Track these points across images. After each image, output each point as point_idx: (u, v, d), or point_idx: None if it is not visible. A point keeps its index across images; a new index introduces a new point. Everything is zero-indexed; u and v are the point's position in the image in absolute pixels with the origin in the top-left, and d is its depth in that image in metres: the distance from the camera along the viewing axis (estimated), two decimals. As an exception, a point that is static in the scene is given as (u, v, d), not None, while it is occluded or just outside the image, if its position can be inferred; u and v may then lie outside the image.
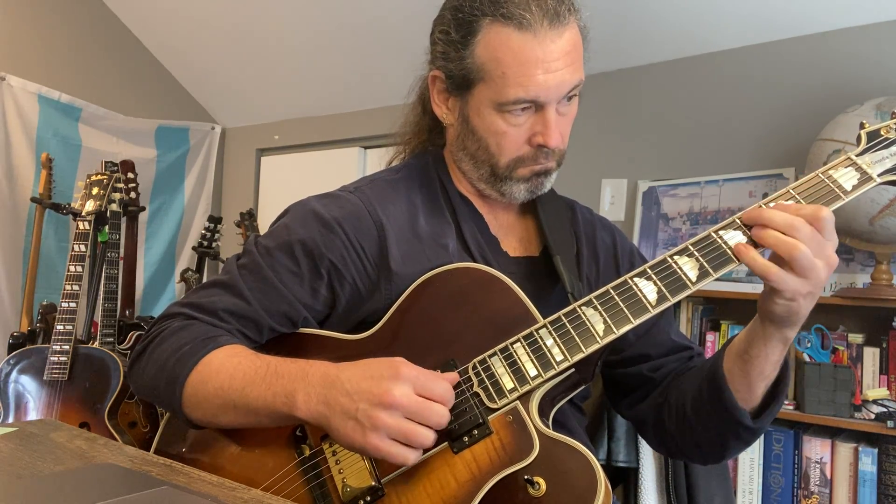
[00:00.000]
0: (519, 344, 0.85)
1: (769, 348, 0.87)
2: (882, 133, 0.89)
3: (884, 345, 2.03)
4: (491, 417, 0.83)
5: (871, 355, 2.05)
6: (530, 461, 0.79)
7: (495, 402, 0.83)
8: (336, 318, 1.00)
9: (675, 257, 0.85)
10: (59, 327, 2.30)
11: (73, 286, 2.37)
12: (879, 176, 0.86)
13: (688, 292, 0.83)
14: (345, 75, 3.41)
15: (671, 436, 1.01)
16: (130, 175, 3.03)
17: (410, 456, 0.77)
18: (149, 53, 3.82)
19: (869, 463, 1.94)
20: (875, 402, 1.99)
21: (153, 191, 3.74)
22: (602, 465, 0.79)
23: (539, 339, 0.84)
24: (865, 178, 0.86)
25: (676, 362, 1.07)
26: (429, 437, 0.77)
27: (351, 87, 3.47)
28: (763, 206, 0.84)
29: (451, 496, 0.80)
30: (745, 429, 0.91)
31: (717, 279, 0.84)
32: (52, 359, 2.26)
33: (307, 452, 0.89)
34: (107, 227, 2.70)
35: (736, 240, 0.83)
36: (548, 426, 0.83)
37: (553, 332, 0.84)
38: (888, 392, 2.00)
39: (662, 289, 0.83)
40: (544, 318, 0.86)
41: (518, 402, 0.83)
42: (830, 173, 0.86)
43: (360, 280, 0.97)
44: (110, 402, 2.25)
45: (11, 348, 2.49)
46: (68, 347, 2.28)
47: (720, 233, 0.84)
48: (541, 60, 0.92)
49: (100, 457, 0.84)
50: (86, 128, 3.48)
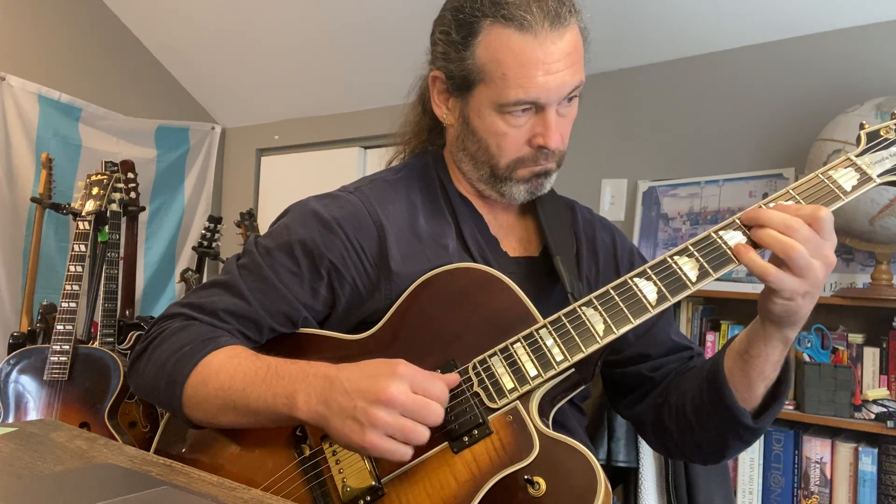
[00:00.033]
0: (519, 344, 0.85)
1: (769, 348, 0.87)
2: (882, 133, 0.89)
3: (884, 345, 2.03)
4: (491, 417, 0.83)
5: (871, 355, 2.05)
6: (530, 461, 0.79)
7: (495, 401, 0.83)
8: (336, 319, 1.00)
9: (675, 257, 0.85)
10: (59, 327, 2.30)
11: (73, 286, 2.37)
12: (879, 176, 0.86)
13: (688, 292, 0.83)
14: (345, 75, 3.41)
15: (671, 436, 1.01)
16: (130, 175, 3.03)
17: (408, 453, 0.78)
18: (149, 53, 3.82)
19: (869, 463, 1.94)
20: (875, 402, 1.99)
21: (153, 191, 3.74)
22: (602, 465, 0.79)
23: (539, 339, 0.85)
24: (865, 178, 0.86)
25: (676, 362, 1.07)
26: (424, 434, 0.77)
27: (351, 87, 3.47)
28: (763, 207, 0.84)
29: (451, 496, 0.80)
30: (745, 428, 0.91)
31: (717, 279, 0.84)
32: (52, 359, 2.26)
33: (307, 452, 0.89)
34: (107, 227, 2.70)
35: (736, 240, 0.83)
36: (548, 426, 0.84)
37: (553, 332, 0.84)
38: (888, 392, 2.00)
39: (662, 289, 0.83)
40: (544, 318, 0.86)
41: (518, 402, 0.83)
42: (830, 174, 0.86)
43: (360, 280, 0.97)
44: (110, 402, 2.25)
45: (11, 348, 2.49)
46: (68, 347, 2.28)
47: (720, 233, 0.84)
48: (541, 62, 0.92)
49: (100, 457, 0.84)
50: (86, 128, 3.48)
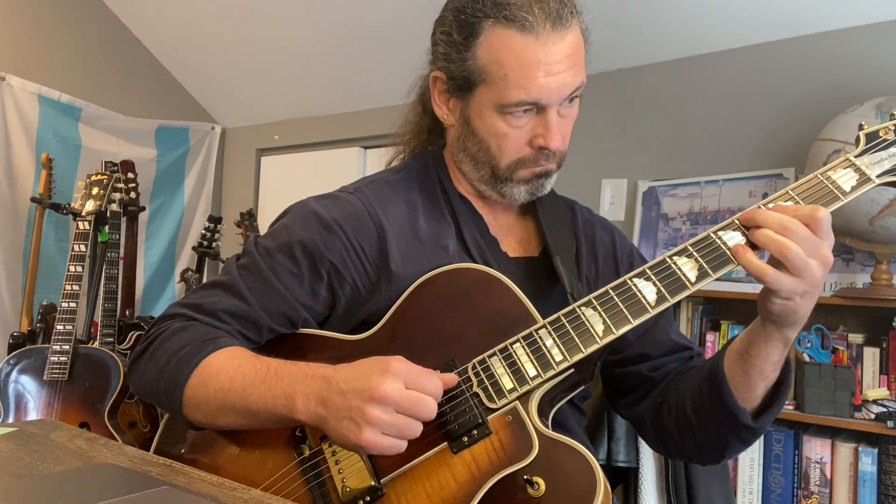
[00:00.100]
0: (518, 344, 0.85)
1: (769, 348, 0.87)
2: (881, 134, 0.89)
3: (884, 345, 2.03)
4: (490, 417, 0.83)
5: (871, 355, 2.05)
6: (530, 461, 0.79)
7: (495, 402, 0.83)
8: (336, 319, 1.00)
9: (675, 258, 0.85)
10: (59, 327, 2.30)
11: (73, 286, 2.37)
12: (878, 177, 0.86)
13: (687, 293, 0.83)
14: (345, 75, 3.41)
15: (670, 435, 1.01)
16: (130, 175, 3.03)
17: (403, 446, 0.78)
18: (149, 53, 3.82)
19: (869, 463, 1.94)
20: (875, 402, 1.99)
21: (153, 191, 3.74)
22: (602, 465, 0.79)
23: (538, 340, 0.85)
24: (864, 179, 0.86)
25: (676, 362, 1.07)
26: (418, 430, 0.78)
27: (351, 87, 3.47)
28: (761, 207, 0.84)
29: (450, 496, 0.80)
30: (745, 428, 0.91)
31: (717, 279, 0.85)
32: (52, 359, 2.26)
33: (307, 453, 0.89)
34: (107, 227, 2.70)
35: (735, 240, 0.83)
36: (547, 426, 0.84)
37: (552, 333, 0.85)
38: (888, 392, 2.00)
39: (662, 289, 0.83)
40: (544, 318, 0.86)
41: (517, 402, 0.83)
42: (829, 174, 0.86)
43: (360, 281, 0.97)
44: (110, 402, 2.25)
45: (11, 348, 2.49)
46: (68, 347, 2.28)
47: (719, 233, 0.85)
48: (542, 63, 0.92)
49: (100, 457, 0.84)
50: (86, 128, 3.48)
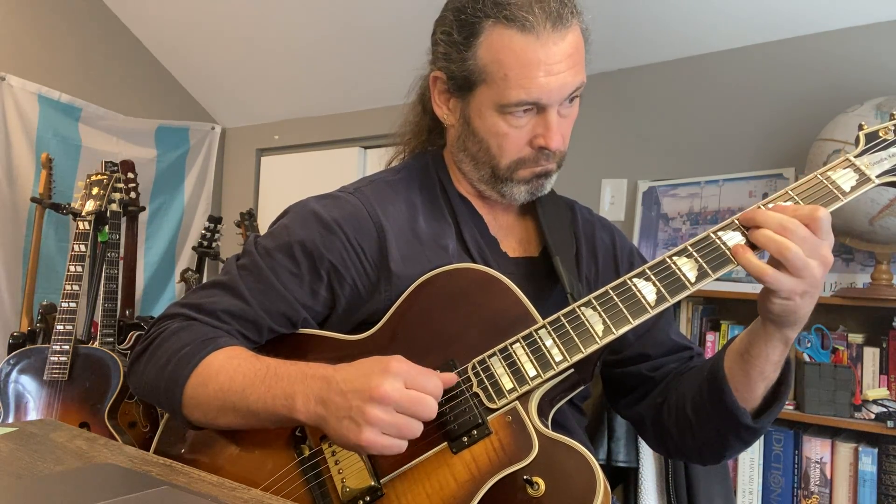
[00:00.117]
0: (518, 344, 0.85)
1: (769, 348, 0.87)
2: (880, 134, 0.89)
3: (884, 345, 2.03)
4: (490, 418, 0.83)
5: (871, 355, 2.05)
6: (529, 461, 0.79)
7: (494, 402, 0.83)
8: (336, 319, 1.00)
9: (674, 258, 0.85)
10: (59, 327, 2.30)
11: (73, 286, 2.37)
12: (878, 177, 0.86)
13: (687, 293, 0.83)
14: (345, 75, 3.41)
15: (670, 435, 1.01)
16: (130, 175, 3.03)
17: (404, 446, 0.78)
18: (149, 53, 3.82)
19: (869, 463, 1.94)
20: (875, 402, 1.99)
21: (153, 191, 3.74)
22: (602, 465, 0.79)
23: (538, 340, 0.85)
24: (864, 179, 0.86)
25: (676, 362, 1.07)
26: (419, 429, 0.78)
27: (351, 88, 3.47)
28: (761, 208, 0.84)
29: (450, 496, 0.80)
30: (745, 428, 0.91)
31: (717, 279, 0.84)
32: (52, 359, 2.26)
33: (307, 453, 0.89)
34: (107, 227, 2.70)
35: (734, 241, 0.83)
36: (547, 426, 0.84)
37: (552, 333, 0.85)
38: (888, 392, 2.00)
39: (661, 289, 0.83)
40: (543, 318, 0.86)
41: (517, 402, 0.83)
42: (829, 174, 0.86)
43: (360, 281, 0.97)
44: (110, 402, 2.25)
45: (11, 348, 2.49)
46: (68, 347, 2.28)
47: (719, 233, 0.85)
48: (543, 62, 0.92)
49: (100, 457, 0.84)
50: (86, 128, 3.48)
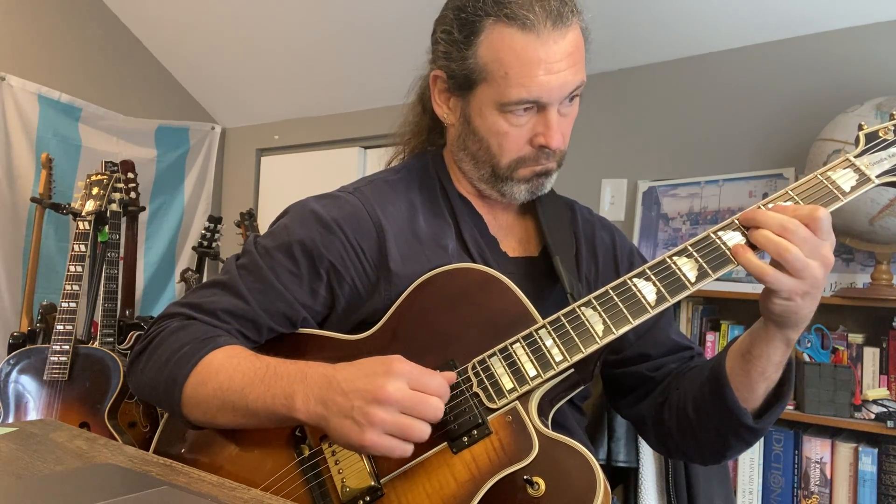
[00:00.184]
0: (518, 344, 0.85)
1: (771, 349, 0.87)
2: (880, 134, 0.89)
3: (884, 345, 2.03)
4: (490, 418, 0.83)
5: (871, 355, 2.05)
6: (529, 461, 0.79)
7: (495, 402, 0.83)
8: (335, 319, 1.00)
9: (674, 258, 0.85)
10: (59, 327, 2.30)
11: (73, 286, 2.37)
12: (878, 177, 0.86)
13: (687, 293, 0.83)
14: (345, 75, 3.41)
15: (671, 435, 1.01)
16: (130, 175, 3.03)
17: (408, 449, 0.78)
18: (149, 53, 3.82)
19: (869, 463, 1.94)
20: (875, 402, 1.99)
21: (153, 191, 3.74)
22: (602, 466, 0.79)
23: (538, 340, 0.85)
24: (864, 179, 0.86)
25: (676, 362, 1.07)
26: (424, 431, 0.77)
27: (351, 87, 3.47)
28: (761, 208, 0.84)
29: (450, 496, 0.80)
30: (746, 429, 0.91)
31: (717, 279, 0.84)
32: (52, 359, 2.26)
33: (306, 452, 0.89)
34: (107, 227, 2.70)
35: (735, 241, 0.83)
36: (547, 426, 0.83)
37: (552, 333, 0.84)
38: (888, 392, 2.00)
39: (661, 289, 0.83)
40: (543, 318, 0.86)
41: (517, 402, 0.83)
42: (829, 174, 0.86)
43: (360, 281, 0.97)
44: (110, 402, 2.25)
45: (11, 348, 2.49)
46: (68, 347, 2.28)
47: (719, 233, 0.84)
48: (543, 61, 0.92)
49: (100, 457, 0.84)
50: (86, 128, 3.48)
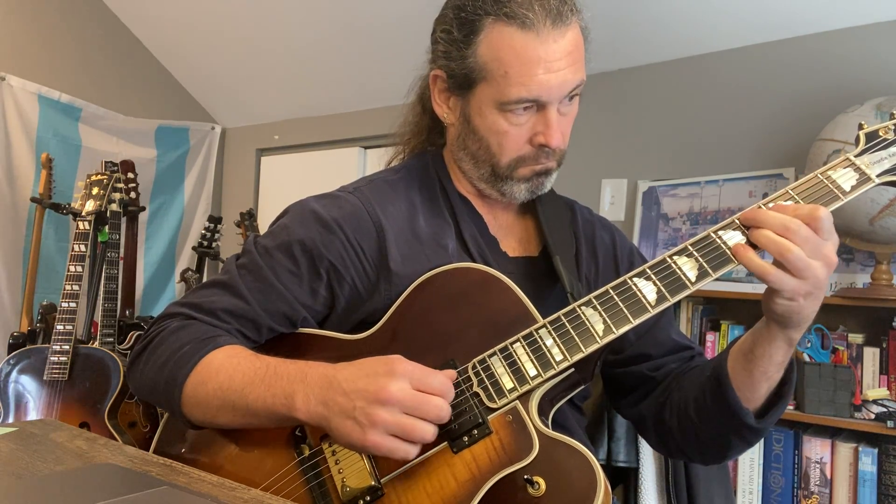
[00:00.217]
0: (518, 344, 0.85)
1: (773, 348, 0.87)
2: (880, 134, 0.89)
3: (884, 345, 2.03)
4: (490, 417, 0.82)
5: (871, 355, 2.05)
6: (530, 461, 0.79)
7: (495, 401, 0.83)
8: (335, 319, 1.00)
9: (675, 257, 0.85)
10: (59, 327, 2.30)
11: (73, 286, 2.37)
12: (878, 176, 0.86)
13: (687, 292, 0.83)
14: (345, 75, 3.41)
15: (672, 435, 1.01)
16: (130, 175, 3.03)
17: (412, 451, 0.77)
18: (149, 53, 3.82)
19: (869, 463, 1.94)
20: (875, 402, 1.99)
21: (153, 191, 3.74)
22: (602, 466, 0.79)
23: (539, 339, 0.85)
24: (864, 178, 0.86)
25: (677, 362, 1.07)
26: (428, 431, 0.77)
27: (351, 87, 3.47)
28: (761, 207, 0.84)
29: (450, 496, 0.80)
30: (748, 428, 0.91)
31: (717, 279, 0.84)
32: (52, 359, 2.26)
33: (307, 452, 0.89)
34: (107, 227, 2.70)
35: (735, 240, 0.83)
36: (547, 426, 0.83)
37: (553, 332, 0.84)
38: (888, 392, 2.00)
39: (662, 289, 0.83)
40: (543, 318, 0.86)
41: (518, 401, 0.83)
42: (829, 174, 0.86)
43: (360, 280, 0.97)
44: (110, 402, 2.25)
45: (11, 348, 2.49)
46: (68, 347, 2.28)
47: (719, 233, 0.84)
48: (543, 60, 0.92)
49: (100, 457, 0.84)
50: (86, 128, 3.48)
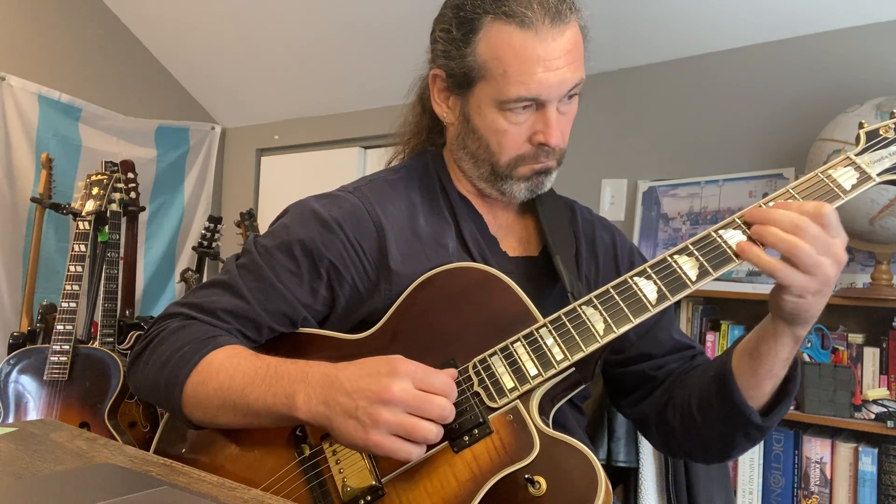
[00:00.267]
0: (519, 343, 0.85)
1: (779, 346, 0.87)
2: (881, 132, 0.89)
3: (884, 345, 2.03)
4: (491, 417, 0.82)
5: (871, 355, 2.05)
6: (531, 460, 0.79)
7: (496, 401, 0.83)
8: (336, 318, 1.00)
9: (675, 256, 0.85)
10: (59, 327, 2.30)
11: (73, 286, 2.37)
12: (878, 175, 0.86)
13: (688, 291, 0.83)
14: (345, 75, 3.41)
15: (674, 434, 1.01)
16: (130, 175, 3.03)
17: (413, 451, 0.77)
18: (149, 53, 3.82)
19: (869, 463, 1.94)
20: (875, 402, 1.99)
21: (153, 191, 3.74)
22: (602, 466, 0.79)
23: (539, 339, 0.84)
24: (864, 177, 0.86)
25: (678, 361, 1.07)
26: (431, 431, 0.76)
27: (351, 87, 3.47)
28: (762, 206, 0.84)
29: (451, 495, 0.80)
30: (753, 426, 0.91)
31: (717, 279, 0.84)
32: (52, 359, 2.26)
33: (307, 452, 0.89)
34: (107, 227, 2.70)
35: (736, 239, 0.83)
36: (548, 425, 0.83)
37: (553, 332, 0.84)
38: (888, 392, 2.00)
39: (662, 288, 0.83)
40: (544, 317, 0.86)
41: (518, 401, 0.83)
42: (829, 173, 0.86)
43: (360, 280, 0.97)
44: (110, 402, 2.25)
45: (11, 348, 2.49)
46: (68, 347, 2.28)
47: (720, 232, 0.84)
48: (542, 58, 0.92)
49: (100, 457, 0.84)
50: (86, 128, 3.48)
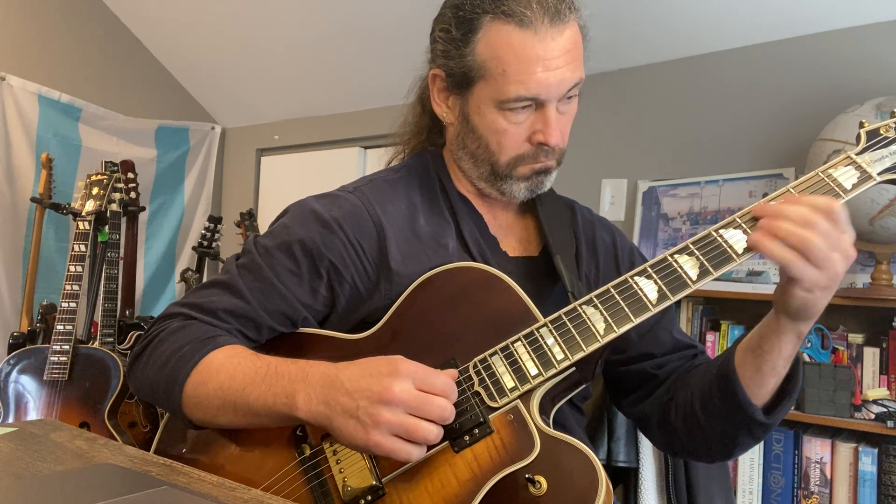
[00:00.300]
0: (519, 343, 0.85)
1: (783, 342, 0.87)
2: (881, 132, 0.89)
3: (884, 345, 2.03)
4: (492, 416, 0.82)
5: (871, 355, 2.05)
6: (531, 460, 0.79)
7: (496, 401, 0.83)
8: (336, 318, 1.00)
9: (676, 256, 0.84)
10: (59, 327, 2.30)
11: (73, 286, 2.37)
12: (879, 175, 0.86)
13: (688, 291, 0.83)
14: (345, 75, 3.41)
15: (676, 433, 1.01)
16: (130, 175, 3.03)
17: (414, 452, 0.77)
18: (149, 53, 3.82)
19: (869, 463, 1.94)
20: (875, 402, 1.99)
21: (153, 191, 3.74)
22: (602, 465, 0.79)
23: (540, 338, 0.84)
24: (865, 176, 0.86)
25: (680, 360, 1.07)
26: (432, 431, 0.77)
27: (351, 87, 3.47)
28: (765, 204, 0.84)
29: (452, 495, 0.80)
30: (757, 424, 0.90)
31: (717, 279, 0.84)
32: (52, 359, 2.26)
33: (308, 452, 0.89)
34: (107, 227, 2.70)
35: (736, 238, 0.83)
36: (549, 425, 0.83)
37: (554, 331, 0.84)
38: (888, 392, 2.00)
39: (663, 287, 0.83)
40: (544, 317, 0.86)
41: (519, 401, 0.83)
42: (830, 172, 0.86)
43: (360, 280, 0.97)
44: (110, 402, 2.25)
45: (11, 348, 2.49)
46: (68, 347, 2.28)
47: (720, 232, 0.84)
48: (541, 58, 0.92)
49: (100, 457, 0.84)
50: (86, 128, 3.48)
